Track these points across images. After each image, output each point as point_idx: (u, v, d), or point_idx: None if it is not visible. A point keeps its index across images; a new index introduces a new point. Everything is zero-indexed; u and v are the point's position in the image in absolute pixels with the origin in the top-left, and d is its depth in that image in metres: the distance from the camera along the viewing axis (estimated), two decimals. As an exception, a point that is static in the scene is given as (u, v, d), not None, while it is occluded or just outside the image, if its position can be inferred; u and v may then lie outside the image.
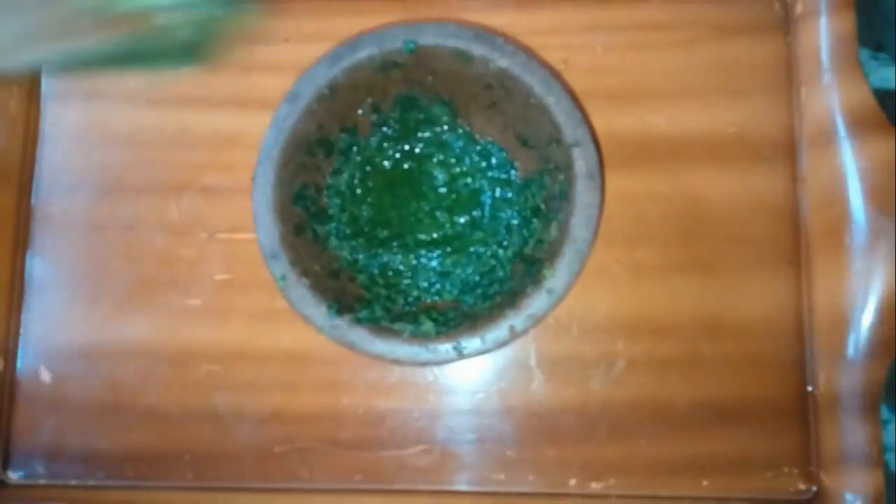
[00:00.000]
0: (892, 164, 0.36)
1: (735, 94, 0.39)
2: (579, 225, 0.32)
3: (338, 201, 0.37)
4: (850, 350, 0.36)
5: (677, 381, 0.37)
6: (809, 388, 0.37)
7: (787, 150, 0.38)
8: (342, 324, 0.31)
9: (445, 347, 0.31)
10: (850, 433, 0.35)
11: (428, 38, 0.33)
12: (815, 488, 0.36)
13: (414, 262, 0.37)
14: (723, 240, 0.38)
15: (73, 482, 0.38)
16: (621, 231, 0.38)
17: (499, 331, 0.31)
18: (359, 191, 0.37)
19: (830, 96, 0.37)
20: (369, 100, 0.35)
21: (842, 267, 0.36)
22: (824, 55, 0.38)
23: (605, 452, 0.37)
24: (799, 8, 0.39)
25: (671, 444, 0.36)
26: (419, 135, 0.37)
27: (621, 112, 0.39)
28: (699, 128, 0.38)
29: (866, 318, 0.35)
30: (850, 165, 0.36)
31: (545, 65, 0.33)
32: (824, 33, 0.38)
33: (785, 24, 0.39)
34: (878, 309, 0.35)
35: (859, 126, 0.36)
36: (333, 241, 0.36)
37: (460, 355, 0.31)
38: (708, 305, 0.37)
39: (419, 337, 0.31)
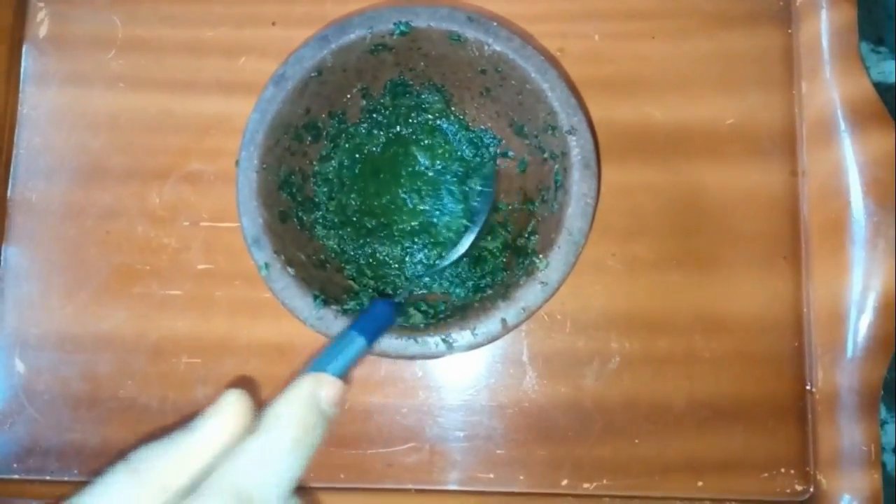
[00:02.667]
0: (893, 158, 0.35)
1: (734, 85, 0.38)
2: (575, 215, 0.31)
3: (325, 189, 0.36)
4: (849, 348, 0.35)
5: (673, 378, 0.36)
6: (809, 387, 0.36)
7: (786, 143, 0.38)
8: (327, 314, 0.30)
9: (434, 340, 0.30)
10: (847, 433, 0.35)
11: (420, 21, 0.32)
12: (811, 489, 0.35)
13: (402, 252, 0.36)
14: (720, 234, 0.37)
15: (48, 477, 0.36)
16: (616, 224, 0.37)
17: (490, 324, 0.30)
18: (347, 179, 0.36)
19: (831, 89, 0.37)
20: (359, 84, 0.34)
21: (841, 262, 0.36)
22: (825, 48, 0.37)
23: (598, 451, 0.36)
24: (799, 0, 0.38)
25: (666, 444, 0.36)
26: (410, 122, 0.36)
27: (618, 102, 0.38)
28: (697, 119, 0.38)
29: (865, 315, 0.35)
30: (850, 159, 0.36)
31: (541, 50, 0.32)
32: (825, 26, 0.37)
33: (786, 16, 0.39)
34: (877, 306, 0.35)
35: (860, 120, 0.36)
36: (320, 230, 0.35)
37: (450, 349, 0.30)
38: (705, 301, 0.36)
39: (407, 329, 0.30)
